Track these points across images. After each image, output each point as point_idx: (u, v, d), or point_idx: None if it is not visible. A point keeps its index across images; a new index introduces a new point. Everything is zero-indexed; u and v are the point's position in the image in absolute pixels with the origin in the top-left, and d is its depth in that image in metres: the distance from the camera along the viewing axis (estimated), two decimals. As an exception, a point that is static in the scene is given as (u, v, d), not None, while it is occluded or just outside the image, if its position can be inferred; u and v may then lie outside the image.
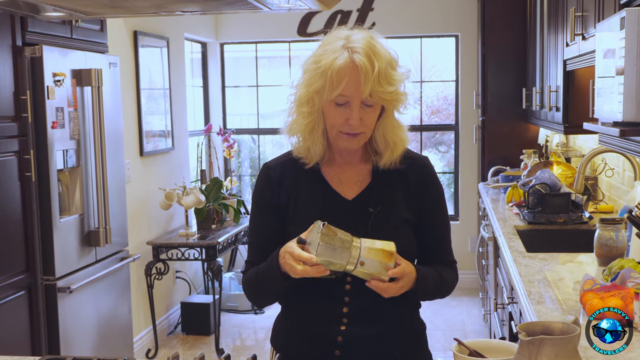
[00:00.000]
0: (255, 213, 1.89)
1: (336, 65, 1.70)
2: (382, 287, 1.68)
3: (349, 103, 1.73)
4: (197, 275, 5.98)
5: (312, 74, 1.75)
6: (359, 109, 1.73)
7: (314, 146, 1.81)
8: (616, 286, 2.14)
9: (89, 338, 3.74)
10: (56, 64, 3.44)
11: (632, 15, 1.90)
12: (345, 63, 1.70)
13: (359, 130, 1.75)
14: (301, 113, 1.79)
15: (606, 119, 2.21)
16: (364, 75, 1.69)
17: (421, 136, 6.67)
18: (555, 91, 3.94)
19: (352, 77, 1.70)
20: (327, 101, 1.74)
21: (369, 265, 1.65)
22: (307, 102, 1.77)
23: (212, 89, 6.69)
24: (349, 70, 1.70)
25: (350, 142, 1.78)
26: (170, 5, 2.26)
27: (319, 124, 1.79)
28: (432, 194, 1.88)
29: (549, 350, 1.40)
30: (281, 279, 1.72)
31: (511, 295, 2.97)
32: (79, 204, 3.68)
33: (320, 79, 1.73)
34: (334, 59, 1.71)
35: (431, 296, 1.86)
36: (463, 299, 5.90)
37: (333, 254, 1.64)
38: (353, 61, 1.70)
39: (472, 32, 6.22)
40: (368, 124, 1.76)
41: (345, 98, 1.72)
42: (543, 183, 3.87)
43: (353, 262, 1.65)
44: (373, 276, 1.67)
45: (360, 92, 1.70)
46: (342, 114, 1.74)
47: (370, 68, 1.69)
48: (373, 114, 1.76)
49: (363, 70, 1.69)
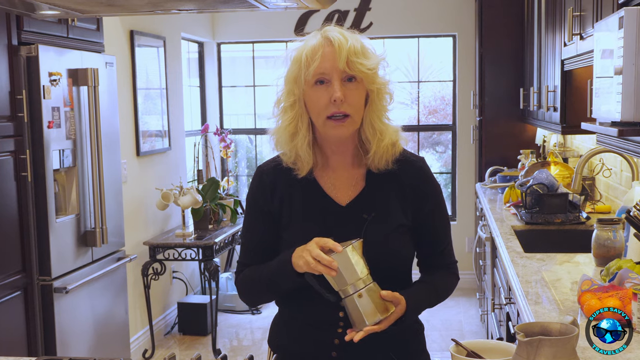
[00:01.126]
0: (249, 217, 1.88)
1: (309, 45, 1.73)
2: (368, 329, 1.67)
3: (329, 81, 1.71)
4: (194, 275, 5.97)
5: (289, 64, 1.76)
6: (341, 84, 1.71)
7: (301, 149, 1.77)
8: (614, 287, 2.14)
9: (85, 338, 3.73)
10: (52, 63, 3.43)
11: (631, 14, 1.90)
12: (318, 42, 1.73)
13: (344, 108, 1.71)
14: (283, 111, 1.78)
15: (604, 119, 2.20)
16: (337, 46, 1.70)
17: (418, 136, 6.67)
18: (552, 91, 3.94)
19: (327, 51, 1.71)
20: (306, 84, 1.73)
21: (364, 302, 1.64)
22: (288, 95, 1.76)
23: (209, 88, 6.69)
24: (322, 46, 1.72)
25: (339, 129, 1.74)
26: (166, 4, 2.25)
27: (302, 119, 1.76)
28: (429, 197, 1.85)
29: (547, 351, 1.40)
30: (293, 276, 1.70)
31: (509, 296, 2.96)
32: (75, 204, 3.66)
33: (295, 64, 1.74)
34: (306, 42, 1.74)
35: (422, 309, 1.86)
36: (460, 300, 5.89)
37: (346, 267, 1.63)
38: (326, 38, 1.72)
39: (469, 32, 6.22)
40: (353, 102, 1.73)
41: (323, 74, 1.71)
42: (540, 183, 3.87)
43: (355, 287, 1.64)
44: (361, 314, 1.65)
45: (336, 64, 1.70)
46: (324, 94, 1.72)
47: (344, 41, 1.71)
48: (356, 92, 1.73)
49: (337, 42, 1.71)
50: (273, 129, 1.82)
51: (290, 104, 1.76)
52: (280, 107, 1.79)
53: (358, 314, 1.65)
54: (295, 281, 1.71)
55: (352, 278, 1.64)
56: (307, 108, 1.76)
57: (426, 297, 1.81)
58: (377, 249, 1.73)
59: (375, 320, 1.65)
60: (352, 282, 1.64)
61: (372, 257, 1.70)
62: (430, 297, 1.83)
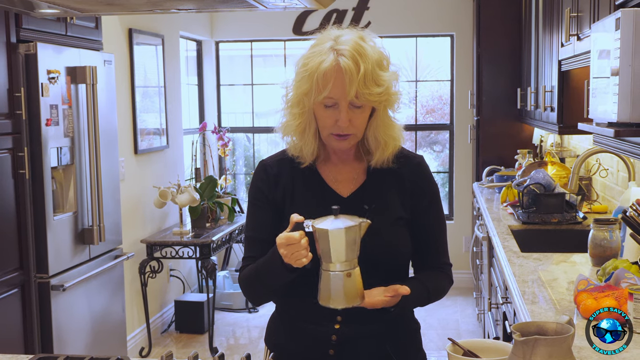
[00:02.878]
0: (254, 208, 1.89)
1: (322, 68, 1.72)
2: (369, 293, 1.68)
3: (337, 105, 1.74)
4: (191, 273, 5.98)
5: (301, 76, 1.77)
6: (347, 111, 1.74)
7: (306, 147, 1.82)
8: (610, 286, 2.15)
9: (82, 336, 3.73)
10: (51, 61, 3.43)
11: (627, 16, 1.91)
12: (330, 66, 1.71)
13: (348, 131, 1.76)
14: (292, 114, 1.81)
15: (601, 119, 2.21)
16: (348, 78, 1.70)
17: (416, 135, 6.67)
18: (550, 91, 3.95)
19: (338, 80, 1.71)
20: (315, 103, 1.76)
21: (349, 282, 1.63)
22: (298, 104, 1.79)
23: (207, 87, 6.69)
24: (334, 73, 1.71)
25: (341, 143, 1.79)
26: (165, 3, 2.26)
27: (310, 124, 1.80)
28: (426, 193, 1.88)
29: (543, 350, 1.40)
30: (285, 272, 1.69)
31: (505, 295, 2.97)
32: (73, 202, 3.67)
33: (307, 81, 1.75)
34: (320, 62, 1.73)
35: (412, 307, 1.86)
36: (457, 299, 5.90)
37: (349, 243, 1.62)
38: (338, 64, 1.71)
39: (467, 31, 6.23)
40: (357, 125, 1.77)
41: (332, 100, 1.74)
42: (537, 183, 3.88)
43: (349, 265, 1.63)
44: (342, 292, 1.64)
45: (346, 95, 1.71)
46: (331, 116, 1.75)
47: (355, 70, 1.70)
48: (362, 115, 1.77)
49: (348, 73, 1.70)
50: (281, 124, 1.85)
51: (300, 112, 1.79)
52: (289, 106, 1.82)
53: (339, 292, 1.64)
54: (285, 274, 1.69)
55: (350, 255, 1.64)
56: (315, 116, 1.79)
57: (418, 295, 1.81)
58: (376, 240, 1.75)
59: (355, 304, 1.65)
60: (349, 260, 1.64)
61: (370, 248, 1.72)
62: (422, 296, 1.83)
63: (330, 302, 1.65)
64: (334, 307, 1.66)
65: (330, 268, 1.64)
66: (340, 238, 1.62)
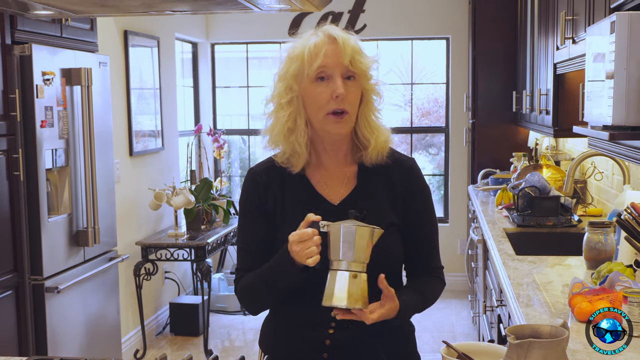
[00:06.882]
0: (245, 219, 1.87)
1: (312, 42, 1.74)
2: (360, 315, 1.66)
3: (330, 77, 1.73)
4: (186, 275, 5.97)
5: (287, 61, 1.77)
6: (342, 81, 1.73)
7: (297, 145, 1.78)
8: (605, 289, 2.15)
9: (76, 338, 3.72)
10: (46, 62, 3.42)
11: (622, 19, 1.91)
12: (320, 40, 1.74)
13: (344, 105, 1.73)
14: (280, 106, 1.78)
15: (596, 122, 2.21)
16: (342, 42, 1.73)
17: (411, 138, 6.67)
18: (545, 94, 3.95)
19: (331, 48, 1.73)
20: (307, 80, 1.74)
21: (354, 284, 1.62)
22: (286, 91, 1.77)
23: (203, 89, 6.68)
24: (326, 43, 1.74)
25: (339, 125, 1.75)
26: (160, 5, 2.26)
27: (300, 115, 1.77)
28: (418, 197, 1.86)
29: (538, 353, 1.40)
30: (295, 273, 1.68)
31: (500, 298, 2.97)
32: (68, 204, 3.66)
33: (297, 59, 1.75)
34: (308, 39, 1.76)
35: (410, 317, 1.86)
36: (452, 301, 5.90)
37: (360, 245, 1.63)
38: (329, 36, 1.74)
39: (463, 34, 6.24)
40: (351, 100, 1.75)
41: (325, 70, 1.73)
42: (532, 186, 3.88)
43: (356, 266, 1.63)
44: (345, 292, 1.62)
45: (340, 60, 1.72)
46: (325, 90, 1.73)
47: (347, 38, 1.74)
48: (355, 90, 1.76)
49: (341, 39, 1.73)
50: (267, 127, 1.82)
51: (288, 101, 1.77)
52: (275, 103, 1.80)
53: (342, 290, 1.63)
54: (295, 275, 1.69)
55: (360, 257, 1.63)
56: (304, 105, 1.77)
57: (416, 303, 1.81)
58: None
59: (356, 306, 1.63)
60: (357, 261, 1.63)
61: None
62: (419, 304, 1.83)
63: (332, 301, 1.63)
64: (335, 306, 1.63)
65: (338, 266, 1.64)
66: (351, 236, 1.62)
